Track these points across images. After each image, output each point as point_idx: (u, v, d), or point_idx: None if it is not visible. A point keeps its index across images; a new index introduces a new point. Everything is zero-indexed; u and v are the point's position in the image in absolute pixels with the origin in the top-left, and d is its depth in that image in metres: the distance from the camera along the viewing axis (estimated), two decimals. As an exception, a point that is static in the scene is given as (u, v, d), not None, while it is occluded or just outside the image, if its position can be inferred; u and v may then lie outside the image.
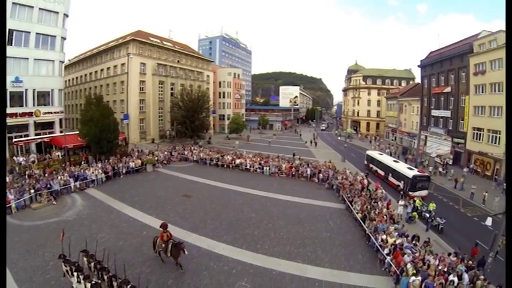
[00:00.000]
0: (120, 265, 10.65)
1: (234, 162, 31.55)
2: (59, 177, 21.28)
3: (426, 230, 17.54)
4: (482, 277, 10.95)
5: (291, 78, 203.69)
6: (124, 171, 26.16)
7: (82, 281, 9.61)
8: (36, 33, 29.93)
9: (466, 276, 10.94)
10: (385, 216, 16.41)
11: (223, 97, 67.92)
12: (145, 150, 33.65)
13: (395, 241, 13.34)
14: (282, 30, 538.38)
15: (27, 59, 29.59)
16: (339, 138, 66.62)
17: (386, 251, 12.99)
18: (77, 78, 51.92)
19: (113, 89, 42.95)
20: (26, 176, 22.13)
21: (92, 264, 10.53)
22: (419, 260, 11.72)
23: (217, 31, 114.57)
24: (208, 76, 61.50)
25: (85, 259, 10.92)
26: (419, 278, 10.57)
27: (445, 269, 11.21)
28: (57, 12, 31.51)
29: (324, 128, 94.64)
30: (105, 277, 9.87)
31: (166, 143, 44.08)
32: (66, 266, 10.56)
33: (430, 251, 13.00)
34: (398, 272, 11.58)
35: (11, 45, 28.05)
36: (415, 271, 10.99)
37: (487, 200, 22.98)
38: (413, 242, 13.94)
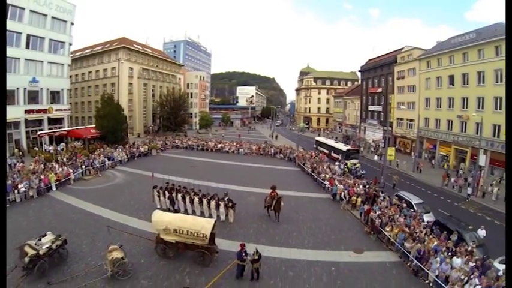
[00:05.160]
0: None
1: (216, 146, 40.63)
2: (98, 158, 28.10)
3: (353, 178, 28.39)
4: (375, 185, 21.95)
5: (245, 78, 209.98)
6: (137, 155, 33.49)
7: (174, 195, 17.71)
8: (50, 39, 34.63)
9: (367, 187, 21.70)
10: (325, 167, 27.25)
11: (191, 97, 75.33)
12: (140, 142, 40.77)
13: (330, 176, 24.00)
14: (236, 30, 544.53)
15: (42, 61, 34.13)
16: (293, 129, 79.88)
17: (326, 182, 23.47)
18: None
19: (103, 90, 47.96)
20: (65, 160, 28.11)
21: (175, 188, 18.61)
22: (342, 180, 22.35)
23: (181, 35, 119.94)
24: (179, 79, 68.80)
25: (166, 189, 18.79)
26: (342, 186, 21.10)
27: (357, 184, 21.90)
28: (66, 21, 36.44)
29: (278, 124, 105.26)
30: (185, 190, 18.23)
31: (150, 137, 50.61)
32: (158, 193, 18.28)
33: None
34: (332, 188, 21.86)
35: (29, 48, 32.37)
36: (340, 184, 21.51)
37: (399, 164, 35.37)
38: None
